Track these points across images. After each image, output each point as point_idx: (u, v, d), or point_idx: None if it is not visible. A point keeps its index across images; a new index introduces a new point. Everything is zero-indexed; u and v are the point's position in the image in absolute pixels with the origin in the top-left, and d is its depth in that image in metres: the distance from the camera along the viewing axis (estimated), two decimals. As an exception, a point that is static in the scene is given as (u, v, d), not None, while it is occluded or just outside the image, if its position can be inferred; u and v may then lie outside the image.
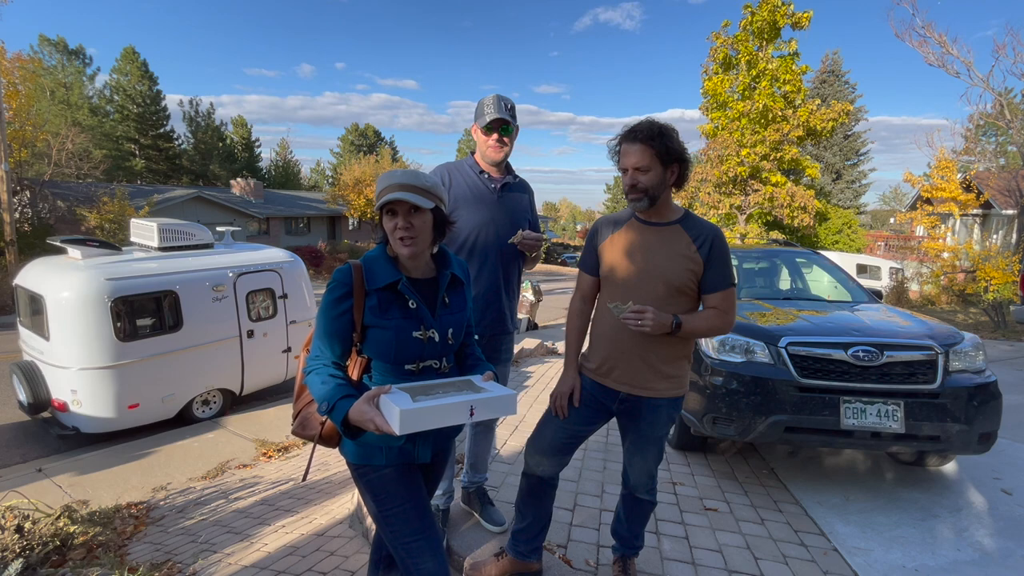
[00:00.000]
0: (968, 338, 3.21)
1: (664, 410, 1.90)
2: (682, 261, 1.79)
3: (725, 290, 1.81)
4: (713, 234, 1.82)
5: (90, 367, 5.19)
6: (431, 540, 1.53)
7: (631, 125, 1.80)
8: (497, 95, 2.17)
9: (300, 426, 1.62)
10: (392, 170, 1.56)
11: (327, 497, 3.53)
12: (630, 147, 1.76)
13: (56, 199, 18.05)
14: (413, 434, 1.51)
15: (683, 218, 1.87)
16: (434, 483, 1.77)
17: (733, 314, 1.83)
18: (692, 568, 2.37)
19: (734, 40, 17.49)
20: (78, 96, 31.22)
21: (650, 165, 1.74)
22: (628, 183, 1.78)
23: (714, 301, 1.82)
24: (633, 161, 1.75)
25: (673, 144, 1.75)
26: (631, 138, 1.76)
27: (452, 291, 1.62)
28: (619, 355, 1.89)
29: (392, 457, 1.52)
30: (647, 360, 1.85)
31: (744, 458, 3.68)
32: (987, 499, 3.16)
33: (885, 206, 43.86)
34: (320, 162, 58.69)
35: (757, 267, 5.15)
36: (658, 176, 1.76)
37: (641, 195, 1.78)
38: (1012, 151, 23.47)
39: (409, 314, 1.50)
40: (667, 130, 1.75)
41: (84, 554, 2.90)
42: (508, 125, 2.18)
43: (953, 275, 15.06)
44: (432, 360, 1.55)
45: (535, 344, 7.17)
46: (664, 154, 1.74)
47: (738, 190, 17.95)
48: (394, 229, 1.47)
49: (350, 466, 1.58)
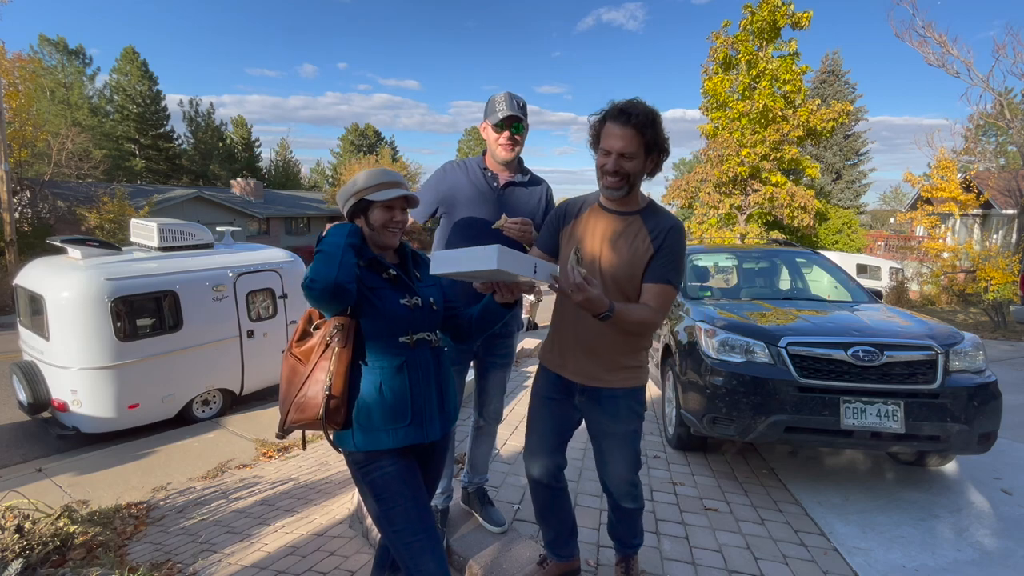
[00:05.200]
0: (968, 338, 3.21)
1: (622, 401, 1.82)
2: (636, 253, 1.71)
3: (661, 285, 1.70)
4: (668, 226, 1.72)
5: (90, 367, 5.19)
6: (432, 539, 1.54)
7: (619, 104, 1.66)
8: (509, 92, 2.12)
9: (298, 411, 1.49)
10: (377, 168, 1.65)
11: (327, 497, 3.53)
12: (620, 130, 1.62)
13: (56, 199, 18.07)
14: (417, 413, 1.57)
15: (645, 209, 1.78)
16: (433, 481, 1.78)
17: (663, 315, 1.71)
18: (692, 568, 2.37)
19: (734, 40, 17.50)
20: (78, 96, 31.22)
21: (636, 152, 1.64)
22: (611, 167, 1.65)
23: (648, 294, 1.70)
24: (621, 146, 1.62)
25: (661, 134, 1.66)
26: (623, 120, 1.62)
27: (419, 267, 1.72)
28: (568, 346, 1.84)
29: (398, 439, 1.53)
30: (595, 351, 1.79)
31: (744, 458, 3.68)
32: (987, 499, 3.16)
33: (885, 206, 43.85)
34: (320, 162, 58.61)
35: (757, 267, 5.16)
36: (641, 164, 1.67)
37: (622, 182, 1.68)
38: (1012, 151, 23.50)
39: (393, 284, 1.59)
40: (658, 118, 1.65)
41: (84, 554, 2.90)
42: (520, 123, 2.12)
43: (953, 275, 15.07)
44: (424, 332, 1.61)
45: (535, 344, 7.16)
46: (652, 143, 1.64)
47: (738, 190, 17.95)
48: (389, 221, 1.59)
49: (352, 465, 1.57)
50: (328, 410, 1.47)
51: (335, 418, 1.49)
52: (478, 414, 2.43)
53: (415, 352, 1.58)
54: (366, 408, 1.52)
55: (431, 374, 1.62)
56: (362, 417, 1.52)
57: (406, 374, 1.55)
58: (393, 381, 1.54)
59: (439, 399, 1.64)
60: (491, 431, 2.48)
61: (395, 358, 1.55)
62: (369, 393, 1.52)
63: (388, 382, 1.53)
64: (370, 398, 1.52)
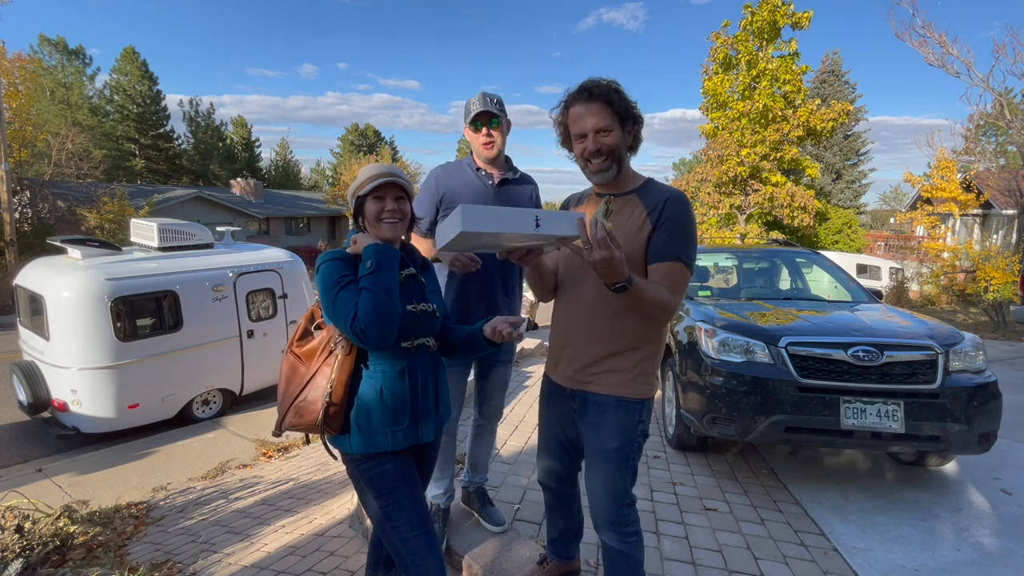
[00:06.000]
0: (968, 338, 3.21)
1: (610, 412, 1.62)
2: (631, 231, 1.57)
3: (668, 263, 1.52)
4: (665, 198, 1.56)
5: (90, 367, 5.19)
6: (430, 537, 1.54)
7: (576, 87, 1.58)
8: (483, 92, 2.11)
9: (296, 415, 1.51)
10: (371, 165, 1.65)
11: (327, 497, 3.53)
12: (586, 107, 1.54)
13: (56, 199, 18.06)
14: (415, 414, 1.56)
15: (642, 186, 1.64)
16: (426, 477, 1.78)
17: (679, 297, 1.52)
18: (692, 568, 2.37)
19: (734, 40, 17.50)
20: (78, 96, 31.22)
21: (611, 124, 1.53)
22: (592, 148, 1.54)
23: (657, 275, 1.52)
24: (593, 123, 1.52)
25: (628, 101, 1.56)
26: (585, 98, 1.54)
27: (425, 274, 1.72)
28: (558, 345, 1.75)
29: (397, 441, 1.53)
30: (590, 346, 1.65)
31: (744, 458, 3.68)
32: (987, 499, 3.16)
33: (885, 206, 43.84)
34: (320, 162, 58.75)
35: (757, 267, 5.16)
36: (620, 136, 1.56)
37: (608, 159, 1.55)
38: (1012, 151, 23.49)
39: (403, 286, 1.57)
40: (620, 87, 1.56)
41: (84, 554, 2.90)
42: (495, 117, 2.11)
43: (953, 275, 15.07)
44: (425, 337, 1.61)
45: (535, 344, 7.16)
46: (623, 111, 1.54)
47: (738, 190, 17.95)
48: (381, 212, 1.56)
49: (350, 463, 1.57)
50: (327, 417, 1.48)
51: (333, 425, 1.50)
52: (478, 412, 2.43)
53: (415, 356, 1.58)
54: (366, 411, 1.52)
55: (429, 377, 1.62)
56: (361, 420, 1.52)
57: (407, 379, 1.55)
58: (394, 386, 1.53)
59: (434, 401, 1.64)
60: (491, 428, 2.48)
61: (397, 363, 1.54)
62: (369, 397, 1.52)
63: (389, 386, 1.53)
64: (370, 402, 1.52)
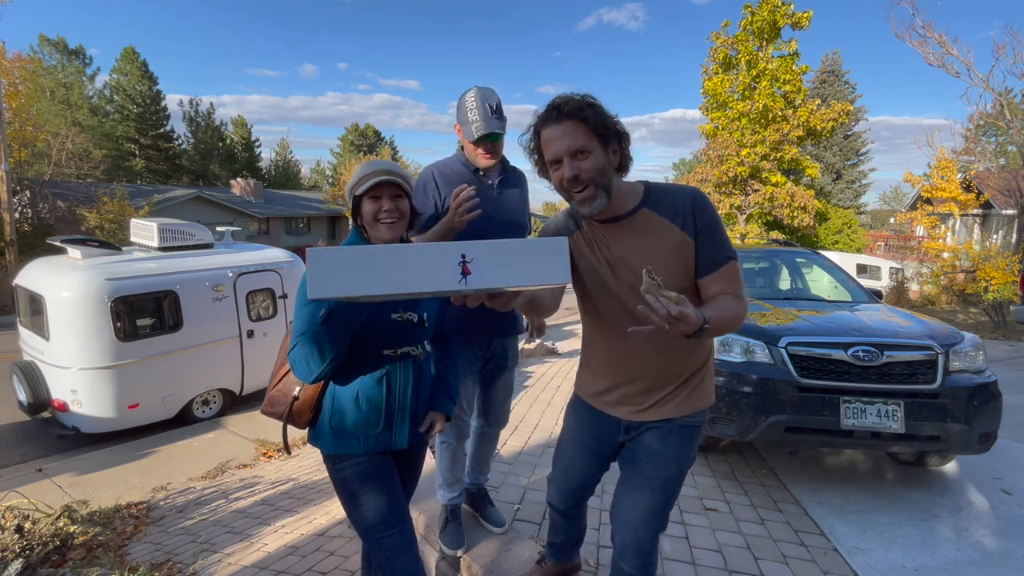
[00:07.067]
0: (968, 338, 3.21)
1: (674, 436, 1.50)
2: (675, 254, 1.39)
3: (725, 265, 1.39)
4: (688, 203, 1.40)
5: (90, 367, 5.19)
6: (405, 535, 1.52)
7: (544, 107, 1.38)
8: (480, 94, 1.92)
9: (269, 404, 1.61)
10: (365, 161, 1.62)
11: (327, 497, 3.53)
12: (556, 129, 1.33)
13: (56, 199, 18.06)
14: (389, 420, 1.55)
15: (646, 196, 1.44)
16: (411, 480, 1.77)
17: (743, 291, 1.42)
18: (692, 568, 2.37)
19: (734, 40, 17.49)
20: (78, 96, 31.21)
21: (588, 144, 1.32)
22: (569, 175, 1.33)
23: (718, 285, 1.39)
24: (567, 145, 1.32)
25: (607, 115, 1.36)
26: (555, 118, 1.34)
27: None
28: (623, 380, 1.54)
29: (370, 445, 1.53)
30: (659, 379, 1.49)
31: (744, 458, 3.68)
32: (987, 499, 3.16)
33: (885, 206, 43.86)
34: (320, 162, 58.74)
35: (757, 267, 5.15)
36: (602, 157, 1.35)
37: (589, 187, 1.34)
38: (1012, 151, 23.49)
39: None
40: (595, 100, 1.37)
41: (84, 554, 2.90)
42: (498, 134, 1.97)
43: (953, 275, 15.06)
44: (409, 346, 1.58)
45: (535, 344, 7.16)
46: (602, 128, 1.34)
47: (738, 190, 17.94)
48: (378, 212, 1.49)
49: (327, 461, 1.57)
50: (291, 411, 1.52)
51: (298, 421, 1.54)
52: (484, 419, 2.37)
53: (396, 365, 1.56)
54: (340, 414, 1.52)
55: (409, 385, 1.58)
56: (335, 421, 1.52)
57: (384, 386, 1.53)
58: (371, 392, 1.52)
59: (413, 409, 1.61)
60: (495, 434, 2.48)
61: (376, 370, 1.53)
62: (346, 400, 1.52)
63: (366, 392, 1.52)
64: (346, 405, 1.52)
